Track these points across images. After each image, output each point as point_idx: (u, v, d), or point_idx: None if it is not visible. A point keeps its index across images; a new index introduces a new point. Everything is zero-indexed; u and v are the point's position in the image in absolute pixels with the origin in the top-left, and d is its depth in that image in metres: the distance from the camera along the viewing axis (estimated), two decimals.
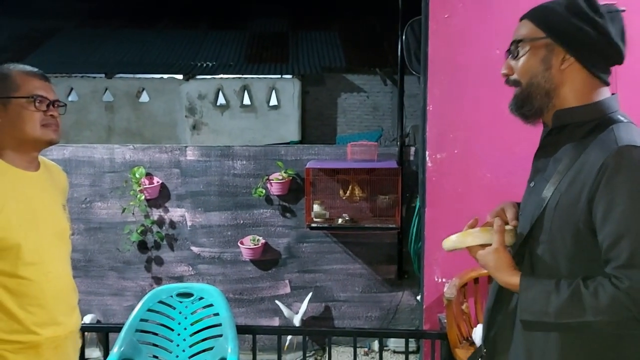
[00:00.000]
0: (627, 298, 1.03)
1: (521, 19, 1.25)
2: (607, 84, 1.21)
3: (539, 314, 1.13)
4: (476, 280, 2.86)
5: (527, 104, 1.22)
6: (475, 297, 2.88)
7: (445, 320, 2.79)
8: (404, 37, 3.64)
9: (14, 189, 1.51)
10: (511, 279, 1.19)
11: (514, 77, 1.24)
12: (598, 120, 1.17)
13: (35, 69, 1.61)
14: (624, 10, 1.20)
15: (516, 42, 1.23)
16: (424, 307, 3.06)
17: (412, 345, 3.95)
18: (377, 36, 9.87)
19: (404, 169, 4.02)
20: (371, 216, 4.10)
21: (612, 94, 1.22)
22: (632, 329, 1.09)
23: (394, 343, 4.19)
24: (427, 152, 2.96)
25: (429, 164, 2.95)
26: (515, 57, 1.23)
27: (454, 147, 2.91)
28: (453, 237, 1.31)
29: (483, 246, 1.26)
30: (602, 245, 1.08)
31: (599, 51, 1.17)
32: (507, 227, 1.27)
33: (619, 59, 1.19)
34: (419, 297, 3.56)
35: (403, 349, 3.08)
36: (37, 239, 1.52)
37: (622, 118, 1.17)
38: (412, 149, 4.15)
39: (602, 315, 1.06)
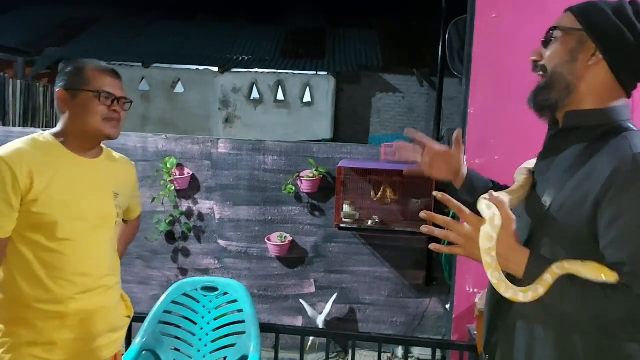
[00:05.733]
0: (632, 304, 1.01)
1: (565, 10, 1.23)
2: (628, 95, 1.18)
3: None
4: None
5: (545, 93, 1.20)
6: None
7: (476, 332, 2.69)
8: (447, 36, 3.53)
9: (65, 172, 1.61)
10: (518, 253, 1.10)
11: (542, 62, 1.23)
12: (609, 126, 1.15)
13: (109, 67, 1.72)
14: None
15: (551, 30, 1.21)
16: (454, 316, 2.96)
17: (438, 354, 3.84)
18: (416, 36, 9.72)
19: None
20: (402, 219, 4.01)
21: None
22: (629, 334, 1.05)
23: (419, 351, 4.09)
24: (465, 157, 2.85)
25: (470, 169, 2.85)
26: (547, 44, 1.22)
27: (494, 153, 2.79)
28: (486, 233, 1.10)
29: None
30: (604, 251, 1.06)
31: (630, 58, 1.13)
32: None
33: None
34: (447, 306, 3.45)
35: (427, 357, 2.99)
36: (75, 219, 1.61)
37: (632, 127, 1.15)
38: None
39: (606, 312, 1.02)
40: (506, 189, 1.24)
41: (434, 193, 1.13)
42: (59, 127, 1.67)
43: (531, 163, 1.34)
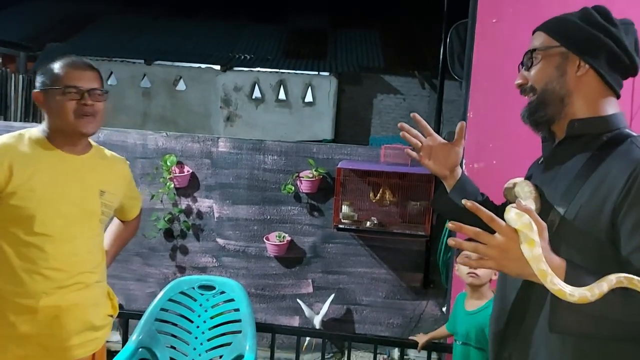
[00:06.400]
0: None
1: (534, 32, 1.24)
2: (618, 95, 1.20)
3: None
4: None
5: (540, 110, 1.21)
6: None
7: None
8: (448, 40, 3.54)
9: (48, 167, 1.61)
10: (555, 261, 1.03)
11: (529, 84, 1.23)
12: (612, 133, 1.16)
13: (79, 60, 1.67)
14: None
15: (530, 52, 1.22)
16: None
17: (433, 356, 3.85)
18: (417, 38, 9.74)
19: None
20: (400, 222, 4.02)
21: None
22: None
23: (414, 353, 4.10)
24: (463, 161, 2.86)
25: (464, 173, 2.85)
26: (529, 67, 1.23)
27: (492, 157, 2.80)
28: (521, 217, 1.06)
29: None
30: (628, 257, 1.03)
31: (613, 59, 1.16)
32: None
33: (633, 70, 1.18)
34: (444, 309, 3.46)
35: None
36: (55, 214, 1.60)
37: (633, 133, 1.16)
38: None
39: None
40: (528, 198, 1.19)
41: (463, 201, 1.05)
42: (44, 124, 1.68)
43: (516, 180, 1.32)
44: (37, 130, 1.67)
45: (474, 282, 2.26)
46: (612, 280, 0.98)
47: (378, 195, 3.96)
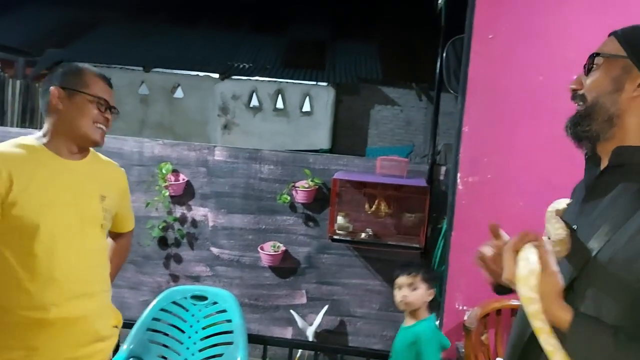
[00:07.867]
0: None
1: (609, 35, 1.11)
2: None
3: None
4: (498, 311, 2.76)
5: (584, 123, 1.07)
6: (496, 328, 2.77)
7: (463, 350, 2.69)
8: (444, 54, 3.56)
9: (46, 173, 1.59)
10: (560, 312, 0.95)
11: (582, 91, 1.10)
12: None
13: (103, 74, 1.77)
14: None
15: (592, 56, 1.09)
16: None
17: None
18: (415, 51, 9.77)
19: (433, 189, 3.93)
20: (395, 233, 4.02)
21: None
22: None
23: None
24: (458, 174, 2.87)
25: (459, 187, 2.86)
26: (588, 72, 1.10)
27: (487, 171, 2.81)
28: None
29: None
30: None
31: None
32: (559, 237, 1.07)
33: None
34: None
35: None
36: (55, 222, 1.58)
37: None
38: (443, 169, 4.05)
39: None
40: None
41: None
42: (45, 129, 1.66)
43: (561, 203, 1.21)
44: (33, 137, 1.66)
45: (405, 309, 2.42)
46: None
47: (373, 206, 3.96)
